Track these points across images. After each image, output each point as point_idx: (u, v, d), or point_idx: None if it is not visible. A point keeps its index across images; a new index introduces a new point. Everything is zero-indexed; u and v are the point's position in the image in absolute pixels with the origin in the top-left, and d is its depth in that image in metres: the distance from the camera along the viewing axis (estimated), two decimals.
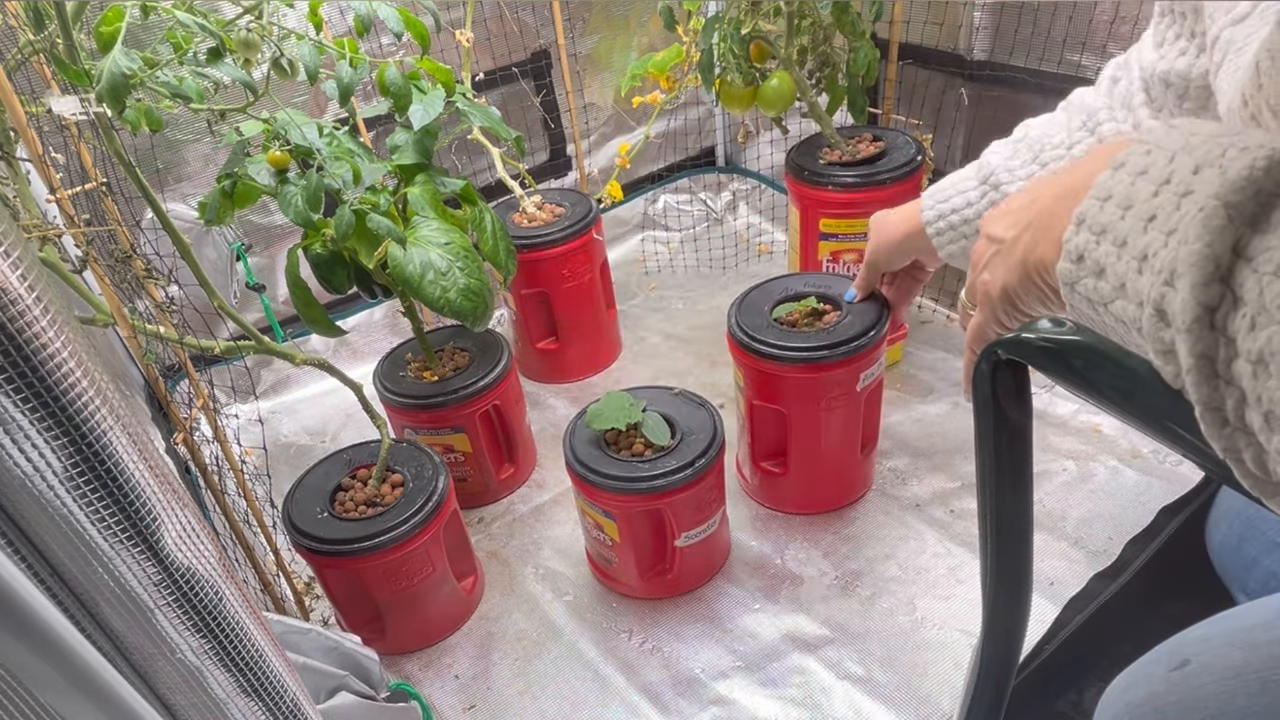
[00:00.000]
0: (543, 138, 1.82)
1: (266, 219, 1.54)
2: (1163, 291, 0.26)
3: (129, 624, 0.37)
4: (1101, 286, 0.29)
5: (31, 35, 0.75)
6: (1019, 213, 0.37)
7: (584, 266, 1.50)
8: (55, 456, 0.32)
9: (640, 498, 1.04)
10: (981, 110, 1.52)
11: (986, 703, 0.44)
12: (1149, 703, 0.54)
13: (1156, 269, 0.26)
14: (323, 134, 0.95)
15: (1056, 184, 0.36)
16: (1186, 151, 0.28)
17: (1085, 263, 0.30)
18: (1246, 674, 0.51)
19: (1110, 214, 0.30)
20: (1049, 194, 0.36)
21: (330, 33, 1.40)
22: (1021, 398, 0.34)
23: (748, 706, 1.02)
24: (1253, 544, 0.68)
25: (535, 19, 1.68)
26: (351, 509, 1.06)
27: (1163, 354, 0.26)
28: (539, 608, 1.19)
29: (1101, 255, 0.29)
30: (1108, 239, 0.30)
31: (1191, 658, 0.54)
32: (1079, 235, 0.30)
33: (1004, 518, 0.37)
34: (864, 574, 1.16)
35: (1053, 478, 1.24)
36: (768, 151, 1.98)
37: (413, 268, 1.01)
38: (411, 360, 1.32)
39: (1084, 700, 1.04)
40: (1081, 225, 0.30)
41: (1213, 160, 0.27)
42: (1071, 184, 0.34)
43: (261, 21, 0.82)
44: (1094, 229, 0.30)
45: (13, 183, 0.77)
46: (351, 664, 0.85)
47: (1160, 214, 0.27)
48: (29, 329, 0.30)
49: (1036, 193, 0.37)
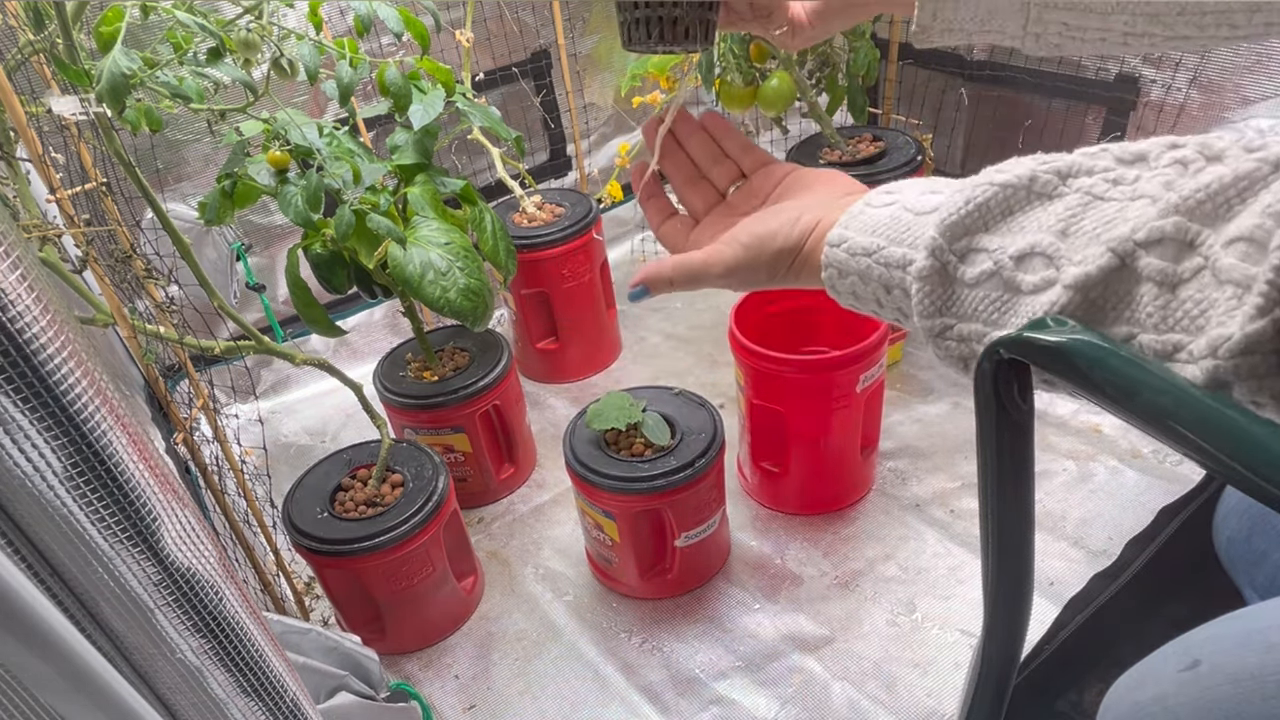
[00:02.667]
0: (543, 138, 1.82)
1: (266, 219, 1.54)
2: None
3: (129, 624, 0.37)
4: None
5: (31, 35, 0.75)
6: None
7: (584, 266, 1.50)
8: (55, 456, 0.32)
9: (640, 498, 1.04)
10: (981, 110, 1.52)
11: (987, 703, 0.44)
12: (1158, 703, 0.54)
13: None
14: (323, 134, 0.95)
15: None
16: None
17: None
18: (1262, 676, 0.50)
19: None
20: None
21: (330, 33, 1.40)
22: (1023, 397, 0.33)
23: (747, 706, 1.02)
24: (1263, 537, 0.68)
25: (535, 19, 1.68)
26: (351, 509, 1.06)
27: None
28: (539, 608, 1.19)
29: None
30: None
31: (1203, 659, 0.54)
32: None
33: (1005, 518, 0.37)
34: (864, 574, 1.16)
35: (1053, 478, 1.24)
36: (768, 151, 1.98)
37: (413, 268, 1.01)
38: (411, 360, 1.32)
39: (1084, 700, 1.04)
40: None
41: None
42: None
43: (261, 21, 0.82)
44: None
45: (13, 183, 0.77)
46: (351, 664, 0.85)
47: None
48: (29, 329, 0.30)
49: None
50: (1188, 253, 0.29)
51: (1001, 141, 1.51)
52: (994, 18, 0.54)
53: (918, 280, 0.37)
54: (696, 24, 0.55)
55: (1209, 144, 0.31)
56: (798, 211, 0.46)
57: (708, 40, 0.56)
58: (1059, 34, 0.53)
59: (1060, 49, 0.55)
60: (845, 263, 0.42)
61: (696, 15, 0.55)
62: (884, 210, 0.41)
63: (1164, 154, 0.32)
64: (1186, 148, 0.31)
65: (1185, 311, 0.29)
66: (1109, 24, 0.51)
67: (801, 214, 0.46)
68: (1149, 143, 0.33)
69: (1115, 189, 0.33)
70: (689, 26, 0.55)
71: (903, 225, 0.39)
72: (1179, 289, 0.29)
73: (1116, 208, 0.32)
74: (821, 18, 0.63)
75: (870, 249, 0.40)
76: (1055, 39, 0.54)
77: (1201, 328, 0.28)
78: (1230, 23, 0.47)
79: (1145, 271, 0.30)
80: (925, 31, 0.57)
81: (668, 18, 0.54)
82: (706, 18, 0.56)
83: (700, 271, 0.48)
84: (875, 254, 0.40)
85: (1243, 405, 0.27)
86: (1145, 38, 0.51)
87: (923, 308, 0.37)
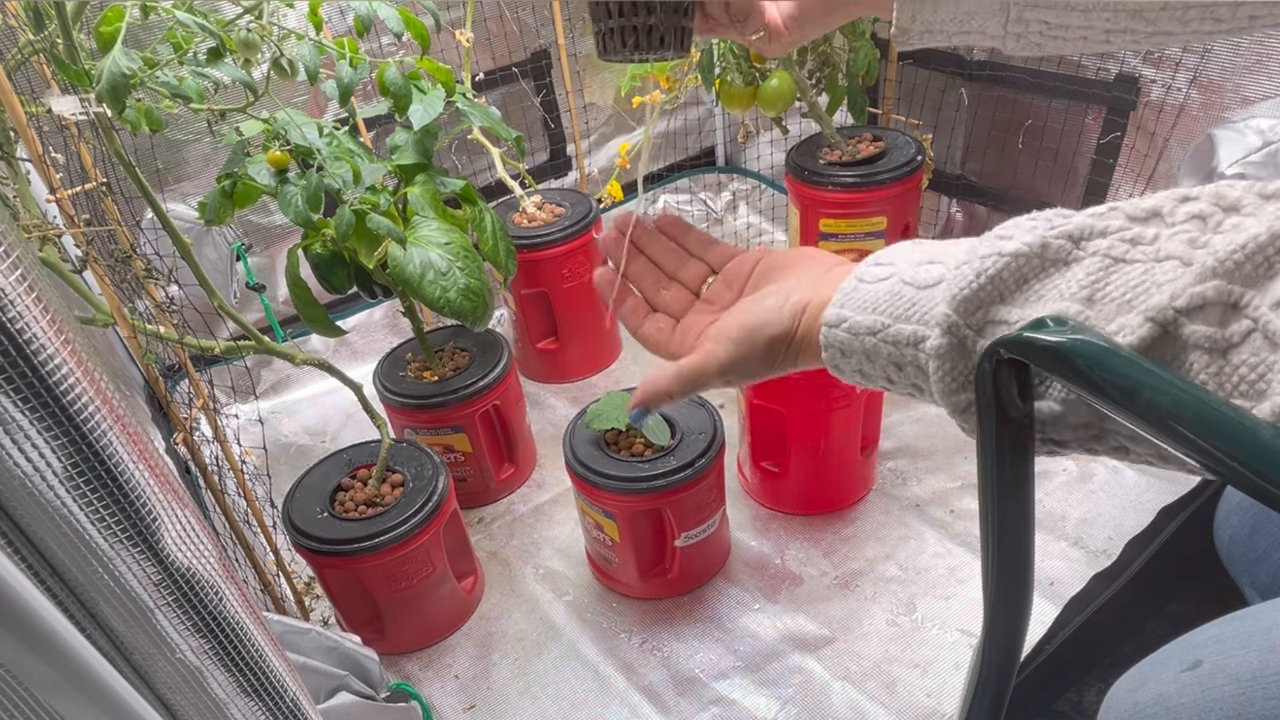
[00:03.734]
0: (543, 138, 1.82)
1: (266, 219, 1.54)
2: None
3: (129, 624, 0.37)
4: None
5: (31, 35, 0.75)
6: None
7: (584, 266, 1.50)
8: (55, 456, 0.32)
9: (640, 498, 1.04)
10: (981, 110, 1.52)
11: (987, 703, 0.44)
12: (1160, 703, 0.54)
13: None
14: (323, 134, 0.95)
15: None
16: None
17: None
18: (1264, 676, 0.50)
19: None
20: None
21: (330, 33, 1.40)
22: (1023, 397, 0.33)
23: (748, 706, 1.02)
24: (1265, 536, 0.68)
25: (535, 19, 1.68)
26: (351, 509, 1.06)
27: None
28: (539, 608, 1.19)
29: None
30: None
31: (1204, 659, 0.54)
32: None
33: (1005, 518, 0.37)
34: (864, 574, 1.16)
35: (1053, 478, 1.24)
36: (768, 151, 1.98)
37: (413, 268, 1.01)
38: (411, 360, 1.32)
39: (1084, 700, 1.04)
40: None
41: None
42: None
43: (261, 21, 0.82)
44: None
45: (13, 183, 0.77)
46: (351, 664, 0.85)
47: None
48: (29, 329, 0.30)
49: None
50: (1234, 316, 0.28)
51: (1001, 141, 1.51)
52: (973, 18, 0.54)
53: (935, 359, 0.36)
54: (672, 32, 0.55)
55: (1222, 194, 0.30)
56: (784, 294, 0.44)
57: (683, 48, 0.56)
58: (1040, 33, 0.53)
59: (1041, 48, 0.54)
60: (847, 343, 0.40)
61: (672, 23, 0.54)
62: (880, 286, 0.39)
63: (1178, 209, 0.31)
64: (1200, 200, 0.30)
65: (1241, 376, 0.28)
66: (1090, 21, 0.50)
67: (789, 296, 0.44)
68: (1158, 198, 0.32)
69: (1135, 249, 0.31)
70: (664, 34, 0.54)
71: (905, 301, 0.38)
72: (1230, 354, 0.28)
73: (1142, 270, 0.31)
74: (798, 22, 0.62)
75: (874, 328, 0.39)
76: (1036, 38, 0.53)
77: (1262, 392, 0.27)
78: (1214, 16, 0.47)
79: (1192, 339, 0.29)
80: (905, 34, 0.57)
81: (643, 26, 0.53)
82: (682, 25, 0.55)
83: (696, 377, 0.46)
84: (880, 333, 0.38)
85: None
86: (1128, 34, 0.50)
87: (943, 386, 0.36)
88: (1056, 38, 0.53)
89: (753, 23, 0.60)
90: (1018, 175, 1.51)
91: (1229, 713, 0.50)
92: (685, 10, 0.55)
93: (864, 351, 0.39)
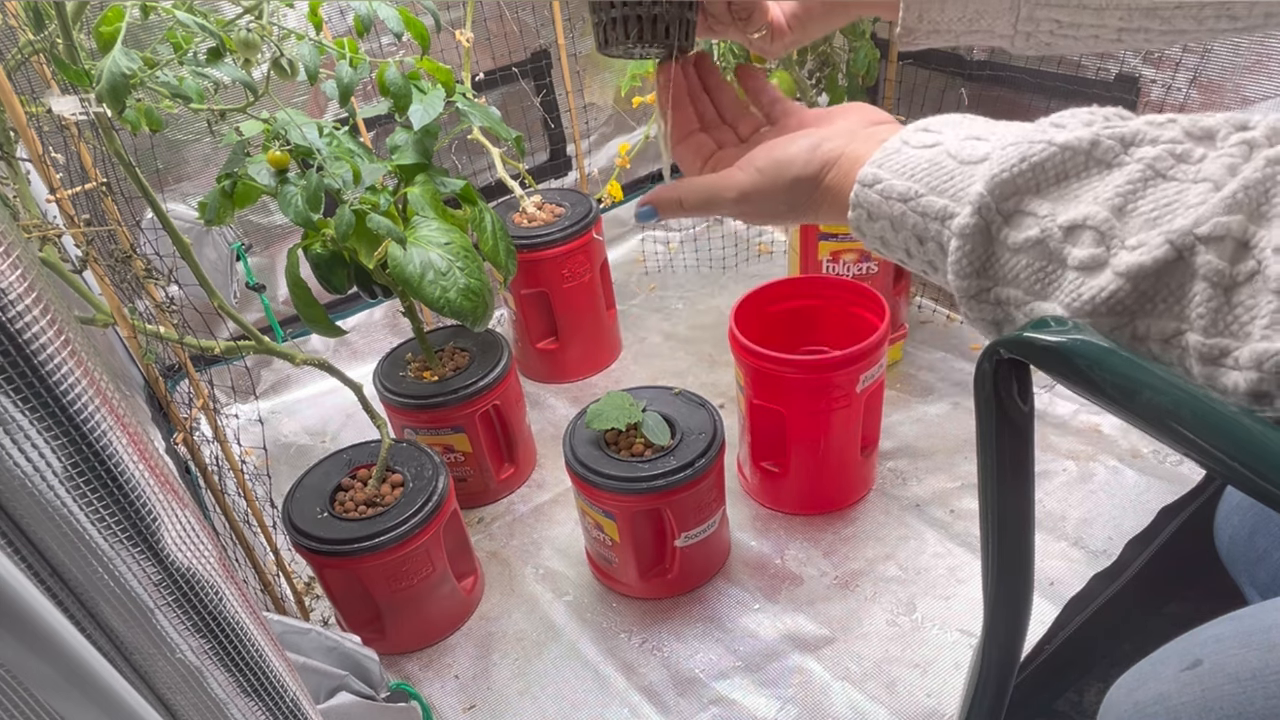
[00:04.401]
0: (543, 138, 1.82)
1: (266, 219, 1.54)
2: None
3: (129, 624, 0.37)
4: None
5: (31, 35, 0.75)
6: None
7: (584, 266, 1.50)
8: (55, 456, 0.32)
9: (640, 498, 1.04)
10: (981, 110, 1.52)
11: (987, 703, 0.44)
12: (1160, 702, 0.54)
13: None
14: (323, 134, 0.95)
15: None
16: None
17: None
18: (1264, 676, 0.50)
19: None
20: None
21: (330, 33, 1.40)
22: (1023, 397, 0.33)
23: (748, 706, 1.02)
24: (1265, 536, 0.68)
25: (535, 19, 1.68)
26: (351, 509, 1.06)
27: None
28: (539, 608, 1.19)
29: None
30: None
31: (1204, 658, 0.54)
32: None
33: (1005, 518, 0.37)
34: (864, 574, 1.16)
35: (1053, 478, 1.24)
36: None
37: (413, 268, 1.01)
38: (411, 360, 1.32)
39: (1084, 700, 1.04)
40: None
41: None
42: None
43: (261, 21, 0.82)
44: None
45: (13, 183, 0.77)
46: (351, 664, 0.85)
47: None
48: (29, 329, 0.30)
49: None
50: (1243, 254, 0.28)
51: None
52: (982, 17, 0.53)
53: (958, 237, 0.35)
54: (677, 22, 0.54)
55: (1277, 129, 0.30)
56: (818, 139, 0.44)
57: (688, 41, 0.55)
58: (1050, 32, 0.52)
59: (1051, 48, 0.54)
60: (877, 206, 0.39)
61: (676, 13, 0.54)
62: (924, 153, 0.38)
63: (1232, 134, 0.30)
64: (1256, 130, 0.30)
65: (1235, 317, 0.28)
66: (1103, 20, 0.50)
67: (822, 142, 0.43)
68: (1217, 119, 0.31)
69: (1179, 166, 0.31)
70: (669, 24, 0.54)
71: (945, 173, 0.36)
72: (1232, 293, 0.28)
73: (1177, 189, 0.30)
74: (801, 21, 0.61)
75: (906, 194, 0.37)
76: (1046, 37, 0.53)
77: (1249, 334, 0.28)
78: (1230, 14, 0.46)
79: (1202, 270, 0.29)
80: (911, 34, 0.56)
81: (647, 16, 0.53)
82: (686, 16, 0.54)
83: (713, 194, 0.45)
84: (911, 201, 0.37)
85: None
86: (1141, 33, 0.49)
87: (959, 266, 0.36)
88: (1067, 36, 0.52)
89: (755, 21, 0.60)
90: None
91: (1229, 712, 0.50)
92: (690, 3, 0.54)
93: (891, 218, 0.38)
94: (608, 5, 0.53)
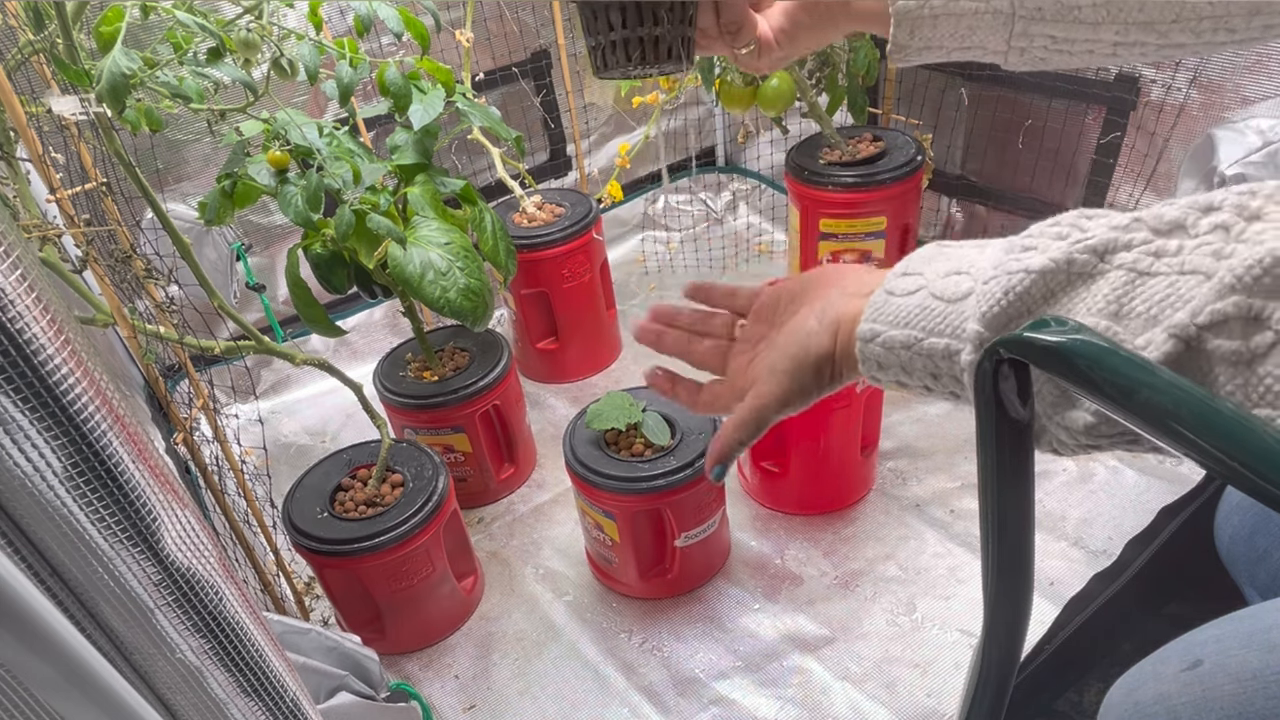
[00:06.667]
0: (543, 138, 1.82)
1: (266, 219, 1.54)
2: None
3: (129, 624, 0.37)
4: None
5: (31, 35, 0.75)
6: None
7: (584, 266, 1.50)
8: (55, 456, 0.32)
9: (640, 498, 1.04)
10: (981, 110, 1.52)
11: (987, 703, 0.44)
12: (1160, 702, 0.54)
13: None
14: (323, 134, 0.95)
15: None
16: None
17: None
18: (1264, 676, 0.50)
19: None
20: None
21: (330, 33, 1.40)
22: (1023, 397, 0.33)
23: (748, 706, 1.02)
24: (1265, 536, 0.68)
25: (535, 19, 1.68)
26: (351, 509, 1.06)
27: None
28: (539, 608, 1.19)
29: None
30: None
31: (1204, 658, 0.54)
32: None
33: (1005, 518, 0.37)
34: (864, 574, 1.16)
35: (1053, 478, 1.24)
36: (768, 151, 1.98)
37: (413, 268, 1.01)
38: (411, 360, 1.32)
39: (1084, 700, 1.04)
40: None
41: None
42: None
43: (261, 21, 0.82)
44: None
45: (13, 183, 0.77)
46: (351, 664, 0.85)
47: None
48: (29, 329, 0.30)
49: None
50: (1256, 328, 0.28)
51: (1001, 141, 1.51)
52: (975, 34, 0.53)
53: (969, 372, 0.36)
54: (678, 41, 0.53)
55: (1244, 205, 0.30)
56: (819, 314, 0.45)
57: (689, 59, 0.54)
58: (1044, 48, 0.52)
59: (1045, 63, 0.54)
60: (883, 357, 0.41)
61: (678, 32, 0.53)
62: (910, 300, 0.40)
63: (1200, 220, 0.31)
64: (1223, 211, 0.30)
65: (1268, 387, 0.28)
66: (1098, 35, 0.50)
67: (823, 314, 0.45)
68: (1181, 207, 0.32)
69: (1159, 262, 0.31)
70: (671, 45, 0.53)
71: (936, 315, 0.38)
72: (1255, 365, 0.28)
73: (1167, 284, 0.31)
74: (789, 37, 0.61)
75: (908, 342, 0.39)
76: (1040, 53, 0.53)
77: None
78: (1228, 27, 0.46)
79: (1216, 353, 0.29)
80: (903, 50, 0.56)
81: (649, 37, 0.52)
82: (686, 35, 0.54)
83: (758, 418, 0.48)
84: (914, 347, 0.39)
85: None
86: (1137, 47, 0.49)
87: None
88: (1062, 52, 0.52)
89: (744, 36, 0.60)
90: (1018, 175, 1.51)
91: (1229, 712, 0.50)
92: (689, 18, 0.53)
93: (900, 365, 0.40)
94: (606, 28, 0.52)
